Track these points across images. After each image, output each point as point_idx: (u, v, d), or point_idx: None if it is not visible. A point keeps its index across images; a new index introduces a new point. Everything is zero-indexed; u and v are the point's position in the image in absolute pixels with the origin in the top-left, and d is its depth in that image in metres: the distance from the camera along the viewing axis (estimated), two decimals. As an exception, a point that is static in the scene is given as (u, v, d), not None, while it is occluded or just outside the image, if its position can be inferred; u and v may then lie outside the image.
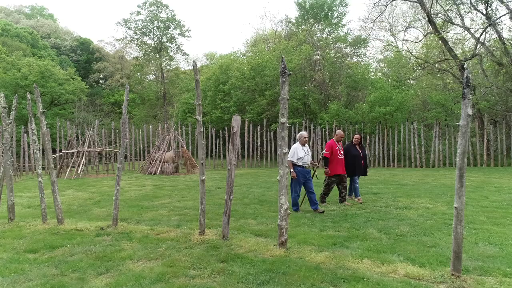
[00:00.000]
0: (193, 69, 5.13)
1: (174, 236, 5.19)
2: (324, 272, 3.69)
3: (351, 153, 8.21)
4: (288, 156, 6.85)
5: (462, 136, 3.44)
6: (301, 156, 6.97)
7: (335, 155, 7.71)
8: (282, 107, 4.51)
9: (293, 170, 6.93)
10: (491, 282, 3.40)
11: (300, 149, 7.02)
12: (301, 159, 6.97)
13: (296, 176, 6.93)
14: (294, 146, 7.16)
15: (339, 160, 7.73)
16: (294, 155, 7.00)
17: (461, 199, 3.45)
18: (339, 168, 7.73)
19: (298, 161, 6.97)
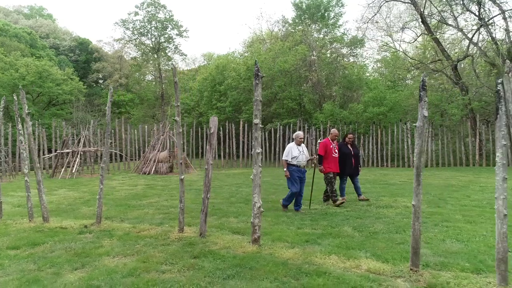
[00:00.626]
0: (172, 71, 5.29)
1: (154, 234, 5.35)
2: (289, 267, 3.85)
3: (342, 151, 8.27)
4: (283, 156, 7.13)
5: (419, 137, 3.60)
6: (295, 155, 7.01)
7: (329, 153, 7.79)
8: (256, 109, 4.66)
9: (286, 169, 7.00)
10: (446, 276, 3.55)
11: (295, 148, 7.08)
12: (296, 158, 7.01)
13: (291, 175, 6.98)
14: (289, 145, 7.22)
15: (333, 159, 7.81)
16: (289, 154, 7.05)
17: (418, 197, 3.61)
18: (334, 166, 7.82)
19: (293, 160, 7.01)
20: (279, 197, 8.97)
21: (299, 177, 7.03)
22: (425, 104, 3.54)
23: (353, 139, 8.55)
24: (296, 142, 7.15)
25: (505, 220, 3.25)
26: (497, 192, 3.30)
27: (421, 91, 3.54)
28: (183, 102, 31.33)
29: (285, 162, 7.02)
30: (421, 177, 3.61)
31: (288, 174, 6.99)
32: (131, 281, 3.53)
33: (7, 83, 28.35)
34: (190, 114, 29.63)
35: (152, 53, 41.14)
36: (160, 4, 39.93)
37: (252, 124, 4.72)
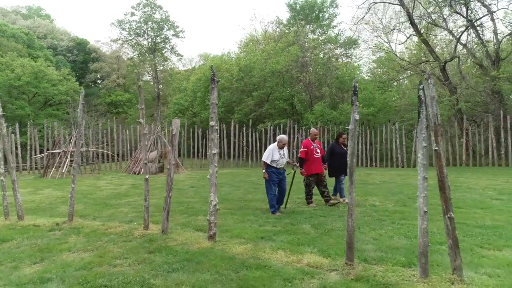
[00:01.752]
0: (136, 76, 5.53)
1: (120, 231, 5.60)
2: (235, 262, 4.09)
3: (336, 151, 8.10)
4: (263, 157, 7.05)
5: (351, 139, 3.84)
6: (276, 159, 6.91)
7: (311, 154, 7.57)
8: (212, 111, 4.90)
9: (265, 170, 6.94)
10: (377, 270, 3.79)
11: (276, 152, 6.96)
12: (275, 162, 6.92)
13: (269, 176, 6.93)
14: (271, 147, 7.07)
15: (315, 159, 7.58)
16: (269, 157, 6.93)
17: (351, 195, 3.85)
18: (315, 167, 7.59)
19: (272, 163, 6.92)
20: (256, 196, 9.24)
21: (277, 178, 6.96)
22: (356, 108, 3.78)
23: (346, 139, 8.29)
24: (279, 146, 7.03)
25: (425, 217, 3.50)
26: (419, 190, 3.54)
27: (353, 96, 3.77)
28: (178, 103, 31.60)
29: (264, 163, 6.96)
30: (354, 177, 3.85)
31: (267, 175, 6.93)
32: (81, 274, 3.78)
33: (3, 84, 28.63)
34: (184, 115, 29.85)
35: (148, 54, 41.41)
36: (156, 4, 40.23)
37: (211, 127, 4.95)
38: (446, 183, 3.44)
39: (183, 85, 33.26)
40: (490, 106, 19.65)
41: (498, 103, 18.97)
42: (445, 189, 3.43)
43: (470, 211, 6.80)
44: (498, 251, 4.40)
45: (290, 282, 3.52)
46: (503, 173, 14.13)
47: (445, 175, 3.42)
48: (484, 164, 18.36)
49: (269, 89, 24.07)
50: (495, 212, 6.68)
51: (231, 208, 7.54)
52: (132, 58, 43.02)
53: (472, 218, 6.18)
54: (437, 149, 3.43)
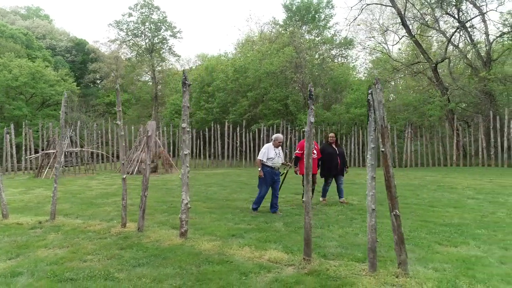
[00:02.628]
0: (114, 78, 5.74)
1: (98, 229, 5.81)
2: (199, 257, 4.30)
3: (326, 151, 8.07)
4: (259, 155, 7.10)
5: (307, 140, 4.04)
6: (271, 157, 6.90)
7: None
8: (183, 114, 5.11)
9: (261, 169, 6.94)
10: (331, 264, 3.99)
11: (271, 150, 6.96)
12: (271, 160, 6.90)
13: (265, 176, 6.91)
14: (266, 145, 7.12)
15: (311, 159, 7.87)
16: (265, 155, 6.93)
17: (308, 194, 4.05)
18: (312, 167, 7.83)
19: (268, 161, 6.91)
20: (241, 196, 9.45)
21: (272, 179, 6.97)
22: (312, 111, 3.98)
23: (335, 138, 8.30)
24: (274, 144, 7.05)
25: (373, 214, 3.70)
26: (367, 189, 3.74)
27: (309, 100, 3.97)
28: (174, 103, 31.82)
29: (259, 162, 6.97)
30: (310, 177, 4.05)
31: (262, 174, 6.91)
32: (51, 268, 3.99)
33: (0, 85, 28.86)
34: (180, 115, 30.07)
35: (146, 54, 41.66)
36: (153, 5, 40.47)
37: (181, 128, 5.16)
38: (392, 182, 3.64)
39: (179, 85, 33.44)
40: (480, 107, 19.84)
41: (488, 103, 19.15)
42: (391, 188, 3.63)
43: (443, 210, 7.01)
44: (453, 248, 4.61)
45: (246, 275, 3.72)
46: (490, 173, 14.32)
47: (391, 175, 3.63)
48: (474, 164, 18.55)
49: (263, 90, 24.27)
50: (466, 211, 6.88)
51: (212, 207, 7.74)
52: (130, 58, 43.26)
53: (441, 217, 6.38)
54: (383, 150, 3.63)
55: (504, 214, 6.43)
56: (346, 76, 24.90)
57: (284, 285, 3.47)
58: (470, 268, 3.82)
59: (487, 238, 5.00)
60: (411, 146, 19.62)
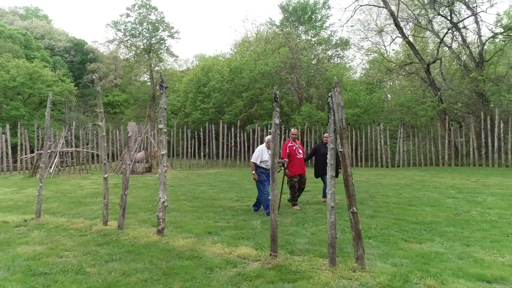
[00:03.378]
0: (95, 82, 5.93)
1: (80, 227, 5.99)
2: (171, 253, 4.48)
3: (320, 152, 7.98)
4: (252, 158, 6.97)
5: (273, 141, 4.22)
6: (265, 159, 6.84)
7: (293, 155, 7.44)
8: (161, 115, 5.29)
9: (255, 171, 6.87)
10: (295, 260, 4.17)
11: (265, 152, 6.89)
12: (265, 162, 6.84)
13: (259, 177, 6.85)
14: (260, 148, 7.04)
15: (297, 160, 7.46)
16: (258, 158, 6.86)
17: (274, 193, 4.23)
18: (298, 168, 7.48)
19: (262, 164, 6.86)
20: (228, 195, 9.62)
21: (267, 176, 6.85)
22: (277, 113, 4.16)
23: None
24: (268, 146, 6.91)
25: (332, 211, 3.88)
26: (328, 188, 3.92)
27: (274, 102, 4.15)
28: (170, 103, 32.00)
29: (253, 164, 6.89)
30: (275, 175, 4.23)
31: (257, 176, 6.85)
32: (27, 264, 4.17)
33: (-3, 85, 29.07)
34: (177, 115, 30.26)
35: (143, 54, 41.83)
36: (151, 6, 40.64)
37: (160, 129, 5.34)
38: (350, 181, 3.81)
39: (176, 85, 33.68)
40: (472, 107, 20.01)
41: (480, 104, 19.32)
42: (349, 187, 3.80)
43: (419, 209, 7.18)
44: (418, 244, 4.78)
45: (211, 270, 3.90)
46: (479, 173, 14.47)
47: (349, 174, 3.80)
48: (466, 164, 18.71)
49: (258, 90, 24.44)
50: (442, 209, 7.05)
51: (196, 206, 7.92)
52: (127, 59, 43.46)
53: (416, 215, 6.55)
54: (342, 150, 3.80)
55: (477, 213, 6.59)
56: (341, 76, 25.05)
57: (245, 279, 3.64)
58: (427, 263, 3.99)
59: (454, 235, 5.17)
60: (403, 146, 19.79)
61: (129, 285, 3.53)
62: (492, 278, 3.58)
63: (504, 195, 8.49)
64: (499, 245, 4.64)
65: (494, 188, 9.72)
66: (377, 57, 27.63)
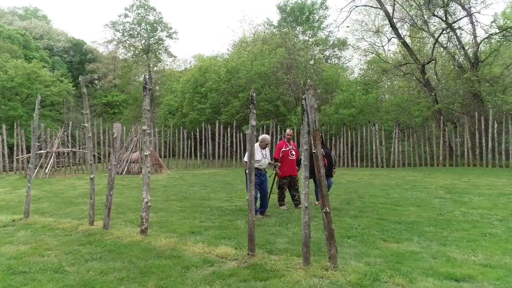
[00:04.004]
0: (81, 83, 6.02)
1: (67, 226, 6.07)
2: (152, 252, 4.56)
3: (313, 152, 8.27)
4: (245, 157, 6.75)
5: (249, 142, 4.29)
6: (258, 159, 6.74)
7: (286, 156, 7.39)
8: (144, 117, 5.37)
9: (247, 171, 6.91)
10: (271, 259, 4.24)
11: (258, 152, 6.77)
12: (258, 162, 6.74)
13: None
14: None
15: (289, 161, 7.42)
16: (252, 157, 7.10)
17: (251, 193, 4.31)
18: (289, 169, 7.43)
19: (254, 163, 7.04)
20: (218, 195, 9.69)
21: (259, 180, 6.77)
22: (254, 115, 4.24)
23: (322, 139, 7.62)
24: (261, 146, 6.92)
25: (306, 211, 3.95)
26: (301, 188, 3.99)
27: (251, 104, 4.23)
28: (168, 104, 32.11)
29: (245, 164, 6.49)
30: (252, 176, 4.31)
31: None
32: (9, 263, 4.25)
33: (-4, 85, 29.17)
34: (174, 115, 30.35)
35: (142, 55, 41.94)
36: (149, 6, 40.74)
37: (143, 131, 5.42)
38: (323, 182, 3.88)
39: (174, 86, 33.76)
40: (467, 108, 20.08)
41: (475, 104, 19.39)
42: (322, 187, 3.87)
43: (404, 209, 7.25)
44: (395, 244, 4.86)
45: (188, 269, 3.98)
46: (472, 173, 14.54)
47: (322, 175, 3.87)
48: (460, 164, 18.79)
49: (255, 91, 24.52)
50: (426, 209, 7.13)
51: (185, 206, 8.00)
52: (126, 59, 43.58)
53: (399, 215, 6.63)
54: (315, 152, 3.87)
55: (460, 213, 6.66)
56: (337, 77, 25.14)
57: (219, 277, 3.72)
58: (400, 262, 4.07)
59: (432, 235, 5.25)
60: (398, 147, 19.87)
61: (104, 284, 3.60)
62: (460, 277, 3.65)
63: (491, 195, 8.56)
64: (474, 245, 4.72)
65: (483, 189, 9.79)
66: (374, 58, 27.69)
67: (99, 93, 46.30)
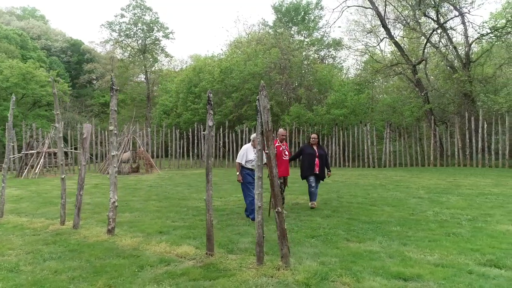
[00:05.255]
0: (51, 83, 6.04)
1: (38, 226, 6.11)
2: (113, 252, 4.59)
3: (305, 152, 7.75)
4: (237, 158, 6.61)
5: (206, 143, 4.32)
6: (250, 159, 6.43)
7: (279, 156, 7.08)
8: (111, 117, 5.40)
9: (239, 173, 6.51)
10: (230, 258, 4.27)
11: (250, 151, 6.48)
12: (250, 162, 6.43)
13: (244, 178, 6.48)
14: (245, 147, 6.64)
15: (283, 161, 7.13)
16: (243, 157, 6.47)
17: (208, 193, 4.34)
18: (283, 169, 7.11)
19: (247, 164, 6.47)
20: (200, 195, 9.72)
21: (253, 180, 6.17)
22: (211, 116, 4.27)
23: (317, 140, 7.97)
24: (253, 145, 6.50)
25: (259, 212, 3.98)
26: (255, 188, 4.02)
27: (208, 105, 4.26)
28: (163, 104, 32.15)
29: (238, 165, 6.55)
30: (209, 177, 4.34)
31: (241, 178, 6.49)
32: (-33, 262, 4.28)
33: (-10, 85, 29.23)
34: (169, 115, 30.38)
35: (138, 55, 42.00)
36: (146, 6, 40.79)
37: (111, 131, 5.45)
38: (276, 182, 3.91)
39: (169, 86, 33.80)
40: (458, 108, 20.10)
41: (465, 104, 19.40)
42: (274, 187, 3.90)
43: (379, 209, 7.27)
44: (357, 243, 4.88)
45: (142, 268, 4.01)
46: (461, 173, 14.54)
47: (274, 175, 3.90)
48: (451, 164, 18.79)
49: (248, 91, 24.55)
50: (400, 209, 7.15)
51: (162, 206, 8.03)
52: (122, 59, 43.65)
53: (371, 215, 6.65)
54: (268, 152, 3.90)
55: (432, 213, 6.68)
56: (330, 77, 25.15)
57: (170, 276, 3.75)
58: (354, 262, 4.09)
59: (397, 235, 5.27)
60: (390, 147, 19.88)
61: (54, 283, 3.63)
62: (409, 276, 3.67)
63: (469, 195, 8.58)
64: (435, 244, 4.74)
65: (464, 188, 9.81)
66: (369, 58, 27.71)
67: (96, 93, 46.41)
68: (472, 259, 4.15)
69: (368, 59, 28.24)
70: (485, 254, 4.31)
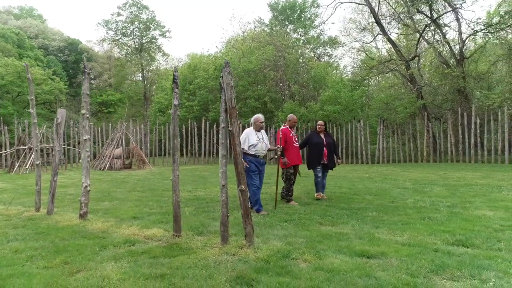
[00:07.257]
0: (25, 68, 5.99)
1: (13, 213, 6.06)
2: (79, 234, 4.53)
3: (313, 141, 7.24)
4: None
5: (172, 122, 4.27)
6: (253, 143, 5.91)
7: (290, 143, 6.64)
8: (83, 101, 5.35)
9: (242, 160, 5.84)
10: (196, 239, 4.22)
11: (253, 135, 5.98)
12: (254, 147, 5.91)
13: (248, 166, 5.86)
14: (246, 131, 6.13)
15: (294, 148, 6.70)
16: (246, 142, 5.93)
17: (175, 173, 4.29)
18: (295, 157, 6.71)
19: (250, 149, 5.91)
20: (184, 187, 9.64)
21: (257, 169, 5.99)
22: (176, 95, 4.22)
23: (324, 127, 7.40)
24: (255, 128, 6.09)
25: (223, 190, 3.92)
26: (219, 166, 3.96)
27: (173, 84, 4.21)
28: (159, 102, 32.12)
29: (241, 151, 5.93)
30: (176, 157, 4.28)
31: (246, 163, 5.81)
32: None
33: (-15, 84, 29.20)
34: (164, 113, 30.33)
35: (135, 54, 41.97)
36: (142, 5, 40.77)
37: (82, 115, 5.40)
38: (239, 159, 3.85)
39: (165, 84, 33.75)
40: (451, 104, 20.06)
41: (458, 100, 19.35)
42: (238, 165, 3.84)
43: (361, 197, 7.22)
44: (329, 227, 4.83)
45: (104, 248, 3.95)
46: (452, 168, 14.46)
47: (238, 153, 3.84)
48: (444, 160, 18.73)
49: (241, 88, 24.50)
50: (381, 198, 7.09)
51: (144, 196, 7.98)
52: (119, 58, 43.62)
53: (350, 202, 6.60)
54: (231, 129, 3.84)
55: (413, 201, 6.63)
56: (325, 74, 25.11)
57: (130, 254, 3.69)
58: (320, 242, 4.03)
59: (371, 219, 5.21)
60: (383, 143, 19.82)
61: (11, 260, 3.58)
62: (374, 254, 3.62)
63: (453, 186, 8.52)
64: (407, 227, 4.68)
65: (451, 180, 9.75)
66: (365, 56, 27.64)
67: (94, 92, 46.30)
68: (441, 239, 4.10)
69: (365, 57, 28.19)
70: (456, 235, 4.25)
